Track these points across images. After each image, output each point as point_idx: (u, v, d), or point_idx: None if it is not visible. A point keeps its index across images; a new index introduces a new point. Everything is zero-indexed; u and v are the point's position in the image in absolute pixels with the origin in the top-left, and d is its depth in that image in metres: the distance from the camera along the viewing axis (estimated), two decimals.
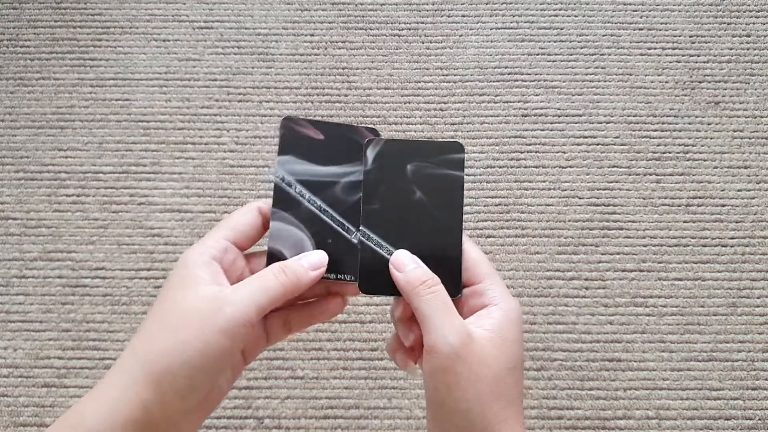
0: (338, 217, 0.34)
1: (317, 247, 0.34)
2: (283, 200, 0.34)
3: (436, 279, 0.32)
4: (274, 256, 0.34)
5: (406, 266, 0.33)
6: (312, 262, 0.33)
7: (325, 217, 0.34)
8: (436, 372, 0.30)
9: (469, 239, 0.35)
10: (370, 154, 0.35)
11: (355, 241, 0.34)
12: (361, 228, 0.34)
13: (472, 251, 0.34)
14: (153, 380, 0.28)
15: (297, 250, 0.34)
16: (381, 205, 0.34)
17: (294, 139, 0.34)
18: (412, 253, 0.34)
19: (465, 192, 0.35)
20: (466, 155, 0.36)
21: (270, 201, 0.34)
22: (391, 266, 0.33)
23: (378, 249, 0.34)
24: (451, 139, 0.37)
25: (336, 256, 0.34)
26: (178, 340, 0.28)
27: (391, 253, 0.34)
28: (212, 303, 0.29)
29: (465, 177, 0.35)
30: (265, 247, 0.34)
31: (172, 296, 0.30)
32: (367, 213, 0.34)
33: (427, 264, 0.33)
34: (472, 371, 0.30)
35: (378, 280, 0.34)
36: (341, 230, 0.34)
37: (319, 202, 0.34)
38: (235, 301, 0.29)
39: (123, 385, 0.28)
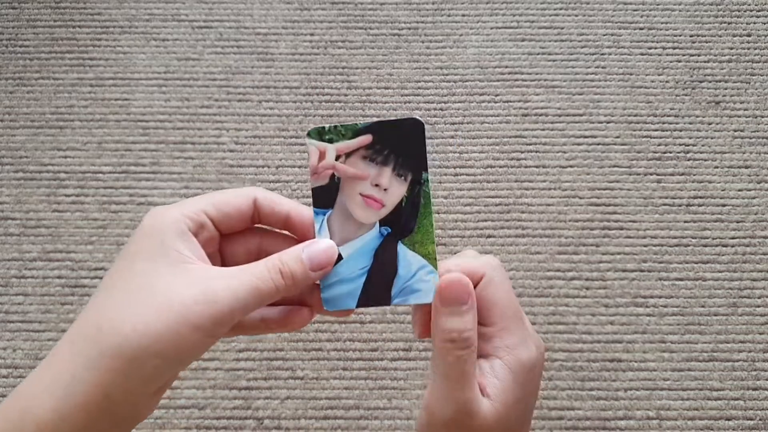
0: None
1: None
2: None
3: (472, 339, 0.28)
4: None
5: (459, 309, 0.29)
6: (314, 258, 0.28)
7: None
8: (428, 430, 0.29)
9: (502, 276, 0.30)
10: None
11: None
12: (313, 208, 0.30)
13: (499, 290, 0.30)
14: (117, 365, 0.25)
15: None
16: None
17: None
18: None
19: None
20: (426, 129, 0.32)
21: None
22: (436, 301, 0.29)
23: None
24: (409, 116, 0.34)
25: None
26: (152, 328, 0.25)
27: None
28: (198, 295, 0.26)
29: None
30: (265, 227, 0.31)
31: (147, 270, 0.27)
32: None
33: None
34: None
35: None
36: None
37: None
38: (222, 300, 0.26)
39: (79, 367, 0.25)
